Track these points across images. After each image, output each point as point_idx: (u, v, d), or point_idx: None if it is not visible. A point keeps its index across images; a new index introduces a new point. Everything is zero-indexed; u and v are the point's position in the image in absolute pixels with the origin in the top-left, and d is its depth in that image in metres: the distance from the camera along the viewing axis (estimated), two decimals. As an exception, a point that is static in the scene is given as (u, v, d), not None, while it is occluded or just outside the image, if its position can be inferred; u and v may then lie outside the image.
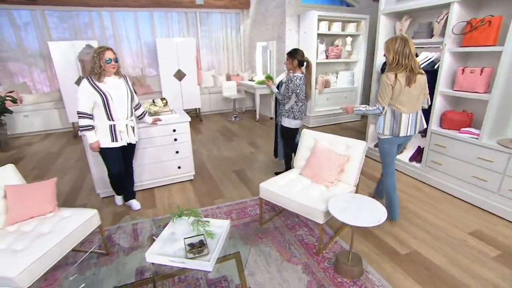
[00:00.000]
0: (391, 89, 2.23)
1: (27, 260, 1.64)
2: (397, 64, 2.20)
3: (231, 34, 7.69)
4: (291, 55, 3.05)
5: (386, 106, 2.30)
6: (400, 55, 2.18)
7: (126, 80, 2.58)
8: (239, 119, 6.65)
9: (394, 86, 2.21)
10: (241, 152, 4.52)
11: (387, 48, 2.25)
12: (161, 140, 3.17)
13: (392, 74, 2.21)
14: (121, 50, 6.89)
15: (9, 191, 2.03)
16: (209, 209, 2.91)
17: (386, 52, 2.28)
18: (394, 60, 2.20)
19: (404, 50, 2.17)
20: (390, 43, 2.23)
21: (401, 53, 2.17)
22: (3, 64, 6.13)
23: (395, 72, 2.21)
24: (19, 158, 4.72)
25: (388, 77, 2.22)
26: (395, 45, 2.19)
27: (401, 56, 2.17)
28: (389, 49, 2.24)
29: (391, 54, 2.22)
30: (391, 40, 2.23)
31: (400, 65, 2.19)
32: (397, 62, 2.19)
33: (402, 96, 2.25)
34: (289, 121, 3.17)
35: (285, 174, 2.65)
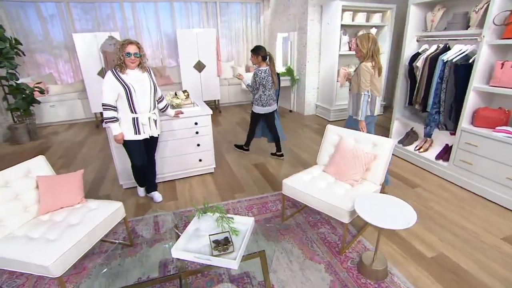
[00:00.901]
0: (369, 76, 2.67)
1: (59, 250, 1.69)
2: (370, 57, 2.68)
3: (251, 25, 7.58)
4: (255, 52, 3.51)
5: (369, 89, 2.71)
6: (373, 50, 2.66)
7: (150, 74, 2.58)
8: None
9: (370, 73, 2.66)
10: (260, 146, 4.49)
11: (362, 43, 2.69)
12: (182, 133, 3.19)
13: (369, 63, 2.68)
14: (142, 41, 6.93)
15: (41, 181, 2.09)
16: (230, 203, 2.92)
17: (361, 47, 2.69)
18: (368, 54, 2.67)
19: (375, 47, 2.67)
20: (366, 40, 2.67)
21: (373, 49, 2.66)
22: (31, 56, 6.32)
23: (370, 62, 2.67)
24: (47, 147, 4.89)
25: (366, 67, 2.66)
26: (369, 43, 2.66)
27: (374, 51, 2.66)
28: (363, 44, 2.67)
29: (365, 48, 2.67)
30: (365, 37, 2.68)
31: (371, 58, 2.68)
32: (371, 56, 2.67)
33: (374, 82, 2.73)
34: (258, 108, 3.72)
35: (308, 171, 2.60)
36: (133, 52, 2.36)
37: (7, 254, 1.71)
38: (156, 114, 2.69)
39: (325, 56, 5.68)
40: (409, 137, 3.87)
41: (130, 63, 2.39)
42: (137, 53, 2.39)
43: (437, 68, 3.19)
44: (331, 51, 5.41)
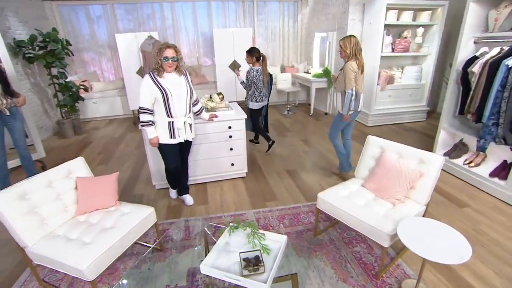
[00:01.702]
0: (354, 75, 2.88)
1: (94, 254, 1.72)
2: (354, 57, 2.90)
3: (288, 24, 7.42)
4: (250, 53, 3.83)
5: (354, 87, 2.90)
6: (356, 50, 2.89)
7: (186, 77, 2.56)
8: (292, 112, 6.45)
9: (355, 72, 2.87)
10: (294, 150, 4.36)
11: (345, 44, 2.92)
12: (216, 136, 3.16)
13: (353, 62, 2.89)
14: (179, 40, 7.07)
15: (79, 183, 2.16)
16: (260, 212, 2.84)
17: (344, 48, 2.93)
18: (351, 54, 2.90)
19: (357, 47, 2.90)
20: (348, 41, 2.91)
21: (356, 49, 2.89)
22: (79, 55, 6.71)
23: (354, 61, 2.89)
24: (89, 142, 5.15)
25: (352, 66, 2.88)
26: (351, 43, 2.89)
27: (356, 51, 2.90)
28: (346, 45, 2.91)
29: (348, 49, 2.90)
30: (348, 39, 2.92)
31: (355, 57, 2.90)
32: (354, 55, 2.90)
33: (359, 79, 2.94)
34: (252, 104, 4.02)
35: (346, 184, 2.44)
36: (171, 56, 2.36)
37: (48, 253, 1.78)
38: (191, 118, 2.68)
39: (366, 57, 5.28)
40: (458, 150, 3.53)
41: (167, 67, 2.38)
42: (175, 57, 2.38)
43: (499, 74, 2.84)
44: (372, 52, 5.11)
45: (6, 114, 3.10)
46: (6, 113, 3.10)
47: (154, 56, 2.40)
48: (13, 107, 3.16)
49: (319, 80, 5.96)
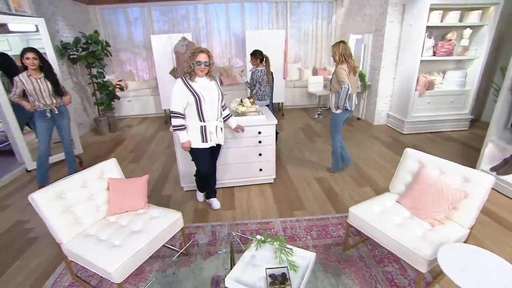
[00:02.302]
0: (345, 74, 3.04)
1: (121, 257, 1.75)
2: (344, 61, 3.09)
3: (322, 25, 7.24)
4: (254, 55, 4.07)
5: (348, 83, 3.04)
6: (344, 55, 3.08)
7: (217, 82, 2.55)
8: (323, 116, 6.28)
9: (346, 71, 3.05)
10: (324, 157, 4.23)
11: (334, 51, 3.15)
12: (245, 141, 3.13)
13: (344, 65, 3.08)
14: (211, 41, 7.16)
15: (111, 184, 2.22)
16: (287, 221, 2.76)
17: (333, 54, 3.16)
18: (340, 58, 3.11)
19: (346, 51, 3.09)
20: (337, 48, 3.12)
21: (344, 54, 3.08)
22: (116, 55, 7.01)
23: (345, 64, 3.08)
24: (122, 140, 5.36)
25: (342, 68, 3.07)
26: (339, 49, 3.10)
27: (345, 55, 3.08)
28: (335, 52, 3.14)
29: (337, 55, 3.12)
30: (337, 46, 3.13)
31: (345, 61, 3.09)
32: (344, 59, 3.09)
33: (350, 80, 3.09)
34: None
35: (379, 199, 2.30)
36: (203, 61, 2.35)
37: (80, 251, 1.84)
38: (222, 122, 2.68)
39: (404, 61, 5.10)
40: (508, 165, 3.22)
41: (199, 71, 2.38)
42: (207, 61, 2.37)
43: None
44: (411, 56, 4.83)
45: (55, 113, 3.31)
46: (56, 112, 3.31)
47: (187, 60, 2.40)
48: (62, 106, 3.37)
49: (352, 83, 5.75)
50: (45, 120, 3.30)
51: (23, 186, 3.75)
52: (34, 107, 3.20)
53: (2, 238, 2.74)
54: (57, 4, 5.21)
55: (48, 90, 3.20)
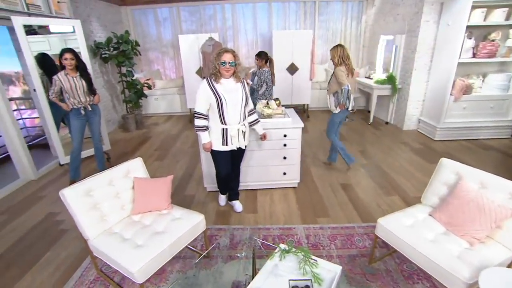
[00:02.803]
0: (344, 75, 3.20)
1: (144, 258, 1.76)
2: (342, 63, 3.25)
3: (351, 25, 7.03)
4: (260, 56, 4.22)
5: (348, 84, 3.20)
6: (342, 57, 3.24)
7: (243, 85, 2.51)
8: (349, 119, 6.09)
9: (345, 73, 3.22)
10: (349, 163, 4.08)
11: (332, 54, 3.30)
12: (270, 144, 3.08)
13: (342, 67, 3.23)
14: (238, 41, 7.16)
15: (137, 183, 2.25)
16: (311, 228, 2.68)
17: (332, 57, 3.31)
18: (339, 60, 3.25)
19: (344, 54, 3.24)
20: (335, 51, 3.27)
21: (342, 56, 3.24)
22: (145, 54, 7.20)
23: (343, 66, 3.23)
24: (148, 137, 5.48)
25: (341, 69, 3.22)
26: (338, 52, 3.25)
27: (343, 58, 3.24)
28: (333, 54, 3.28)
29: (336, 58, 3.27)
30: (335, 49, 3.28)
31: (343, 63, 3.24)
32: (342, 61, 3.25)
33: (349, 81, 3.23)
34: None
35: (410, 211, 2.16)
36: (229, 61, 2.32)
37: (105, 249, 1.88)
38: (245, 126, 2.61)
39: (439, 63, 4.82)
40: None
41: (225, 72, 2.35)
42: (233, 61, 2.33)
43: None
44: (448, 57, 4.55)
45: (89, 110, 3.46)
46: (89, 109, 3.46)
47: (212, 60, 2.39)
48: (94, 104, 3.50)
49: (382, 86, 5.53)
50: (79, 118, 3.44)
51: (56, 179, 3.92)
52: (69, 107, 3.37)
53: (36, 229, 2.87)
54: (92, 6, 5.42)
55: (83, 88, 3.34)
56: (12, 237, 2.77)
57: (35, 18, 3.80)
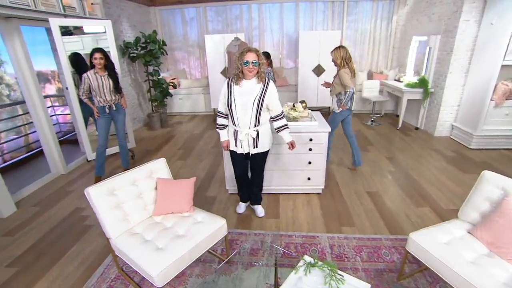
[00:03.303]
0: (349, 77, 3.27)
1: (164, 262, 1.73)
2: (345, 65, 3.30)
3: (381, 26, 6.76)
4: (267, 57, 4.22)
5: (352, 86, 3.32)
6: (345, 59, 3.30)
7: (265, 87, 2.35)
8: (377, 124, 5.86)
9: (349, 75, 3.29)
10: (377, 169, 3.90)
11: (335, 55, 3.34)
12: (295, 148, 2.96)
13: (346, 69, 3.29)
14: (263, 41, 7.10)
15: (159, 184, 2.24)
16: (335, 238, 2.56)
17: (335, 58, 3.36)
18: (342, 62, 3.30)
19: (346, 55, 3.29)
20: (338, 52, 3.32)
21: (345, 58, 3.29)
22: (171, 53, 7.31)
23: (346, 68, 3.28)
24: (172, 136, 5.55)
25: (345, 71, 3.27)
26: (341, 53, 3.30)
27: (346, 59, 3.30)
28: (337, 56, 3.33)
29: (338, 59, 3.32)
30: (338, 50, 3.33)
31: (346, 65, 3.30)
32: (345, 63, 3.30)
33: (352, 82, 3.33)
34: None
35: (446, 227, 2.00)
36: (251, 61, 2.24)
37: (126, 250, 1.87)
38: (257, 132, 2.45)
39: (478, 66, 4.50)
40: None
41: (248, 72, 2.29)
42: (256, 61, 2.26)
43: None
44: (489, 60, 4.23)
45: (113, 109, 3.53)
46: (113, 108, 3.53)
47: (235, 60, 2.34)
48: (118, 103, 3.58)
49: (413, 90, 5.25)
50: (104, 116, 3.53)
51: (83, 174, 4.04)
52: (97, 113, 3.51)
53: (64, 223, 2.96)
54: (123, 7, 5.57)
55: (110, 87, 3.43)
56: (43, 229, 2.88)
57: (70, 19, 3.93)
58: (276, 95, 2.43)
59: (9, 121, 4.86)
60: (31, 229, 2.88)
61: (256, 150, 2.51)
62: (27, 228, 2.90)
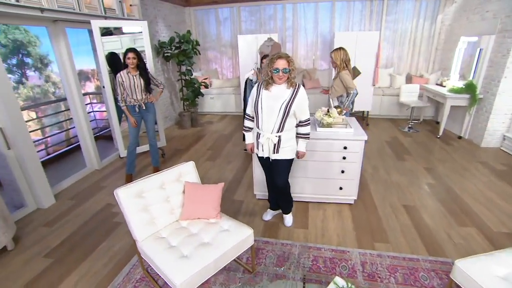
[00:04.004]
0: (350, 78, 3.32)
1: (189, 271, 1.69)
2: (345, 67, 3.35)
3: (423, 25, 6.33)
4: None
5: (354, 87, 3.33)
6: (345, 60, 3.35)
7: (295, 92, 2.23)
8: (414, 130, 5.50)
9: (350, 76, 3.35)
10: (415, 180, 3.63)
11: (335, 56, 3.36)
12: (327, 155, 2.83)
13: (347, 70, 3.35)
14: (297, 41, 6.96)
15: (187, 188, 2.21)
16: (367, 254, 2.39)
17: (335, 59, 3.37)
18: (342, 64, 3.35)
19: (346, 57, 3.35)
20: (338, 53, 3.34)
21: (345, 59, 3.35)
22: (204, 53, 7.39)
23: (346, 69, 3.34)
24: (202, 135, 5.59)
25: (347, 73, 3.33)
26: (341, 55, 3.34)
27: (346, 61, 3.35)
28: (337, 57, 3.35)
29: (338, 60, 3.35)
30: (338, 51, 3.35)
31: (346, 67, 3.35)
32: (345, 65, 3.35)
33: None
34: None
35: (500, 256, 1.77)
36: (282, 68, 2.14)
37: (151, 254, 1.86)
38: (280, 138, 2.33)
39: (538, 71, 4.04)
40: None
41: (278, 79, 2.20)
42: (286, 68, 2.15)
43: None
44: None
45: (143, 108, 3.60)
46: (143, 108, 3.60)
47: (265, 67, 2.27)
48: (148, 102, 3.64)
49: (458, 96, 4.84)
50: (134, 115, 3.61)
51: (115, 170, 4.17)
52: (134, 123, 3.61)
53: (96, 218, 3.05)
54: (159, 8, 5.70)
55: (141, 86, 3.50)
56: (77, 222, 2.99)
57: (109, 21, 4.06)
58: (306, 102, 2.31)
59: (53, 116, 5.18)
60: (67, 222, 3.01)
61: (276, 156, 2.41)
62: (63, 220, 3.03)
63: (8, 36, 5.60)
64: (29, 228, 2.93)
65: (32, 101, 5.91)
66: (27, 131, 3.12)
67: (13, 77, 5.93)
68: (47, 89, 6.08)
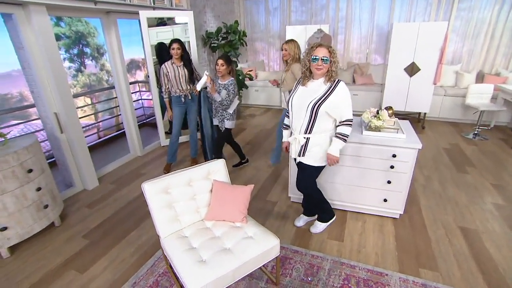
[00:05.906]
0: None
1: (205, 278, 1.59)
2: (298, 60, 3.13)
3: (508, 14, 5.37)
4: (229, 62, 3.15)
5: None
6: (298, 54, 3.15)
7: (331, 88, 2.00)
8: (482, 138, 4.76)
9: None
10: (478, 198, 3.11)
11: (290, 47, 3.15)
12: (373, 162, 2.52)
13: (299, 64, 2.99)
14: (350, 33, 6.47)
15: (215, 187, 2.11)
16: (409, 281, 2.07)
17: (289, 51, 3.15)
18: (295, 56, 3.15)
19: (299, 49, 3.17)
20: (292, 45, 3.15)
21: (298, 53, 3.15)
22: (252, 44, 7.26)
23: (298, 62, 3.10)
24: (243, 128, 5.51)
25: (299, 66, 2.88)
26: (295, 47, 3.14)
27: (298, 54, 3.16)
28: (291, 48, 3.14)
29: (292, 51, 3.15)
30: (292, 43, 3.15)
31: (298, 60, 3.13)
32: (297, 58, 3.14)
33: None
34: (232, 123, 3.43)
35: None
36: (321, 56, 1.92)
37: (171, 253, 1.81)
38: (307, 140, 2.13)
39: None
40: None
41: (316, 69, 1.98)
42: (326, 57, 1.93)
43: None
44: None
45: (189, 98, 3.61)
46: (189, 97, 3.61)
47: (304, 57, 2.07)
48: (193, 93, 3.63)
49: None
50: (179, 105, 3.62)
51: (156, 158, 4.29)
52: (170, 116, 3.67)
53: (130, 205, 3.15)
54: (208, -2, 5.67)
55: (185, 76, 3.50)
56: (114, 207, 3.11)
57: (157, 11, 4.13)
58: (347, 100, 2.04)
59: (105, 103, 5.52)
60: (105, 206, 3.15)
61: (302, 159, 2.22)
62: (103, 204, 3.18)
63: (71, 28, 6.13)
64: (74, 208, 3.12)
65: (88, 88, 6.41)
66: (77, 117, 3.31)
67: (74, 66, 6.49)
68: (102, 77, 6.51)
